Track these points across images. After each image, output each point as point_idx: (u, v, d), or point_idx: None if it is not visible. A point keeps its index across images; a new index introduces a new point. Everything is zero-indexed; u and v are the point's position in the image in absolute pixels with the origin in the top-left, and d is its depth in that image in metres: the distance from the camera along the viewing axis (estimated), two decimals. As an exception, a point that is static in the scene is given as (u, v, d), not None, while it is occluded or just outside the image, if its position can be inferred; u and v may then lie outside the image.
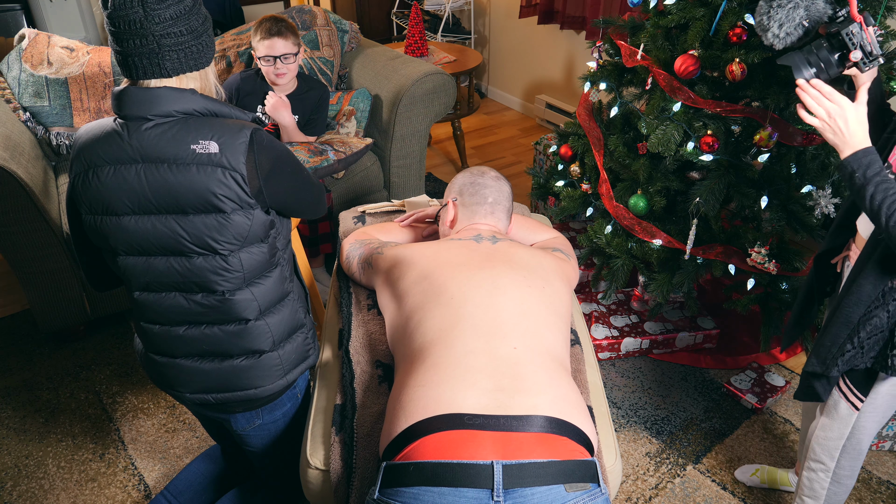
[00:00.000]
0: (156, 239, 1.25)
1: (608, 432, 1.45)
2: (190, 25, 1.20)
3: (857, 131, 1.23)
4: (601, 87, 2.25)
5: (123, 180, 1.22)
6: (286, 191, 1.33)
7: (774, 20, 1.29)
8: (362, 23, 4.89)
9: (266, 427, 1.53)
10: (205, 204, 1.23)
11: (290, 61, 2.37)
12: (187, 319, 1.34)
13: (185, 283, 1.30)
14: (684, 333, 2.41)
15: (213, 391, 1.40)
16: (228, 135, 1.22)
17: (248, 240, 1.29)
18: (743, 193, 2.01)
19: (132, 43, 1.17)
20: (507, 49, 4.49)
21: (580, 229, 2.85)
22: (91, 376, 2.36)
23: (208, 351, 1.37)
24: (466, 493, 1.05)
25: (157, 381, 1.45)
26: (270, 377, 1.41)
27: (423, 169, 2.95)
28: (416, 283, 1.39)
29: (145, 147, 1.21)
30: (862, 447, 1.49)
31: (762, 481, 1.94)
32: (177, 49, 1.19)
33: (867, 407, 1.42)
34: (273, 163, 1.28)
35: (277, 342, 1.41)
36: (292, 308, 1.44)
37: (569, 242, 1.73)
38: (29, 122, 2.50)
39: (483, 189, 1.58)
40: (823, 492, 1.58)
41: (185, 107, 1.23)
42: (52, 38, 2.54)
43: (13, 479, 2.01)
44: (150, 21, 1.15)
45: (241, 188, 1.23)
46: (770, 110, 1.92)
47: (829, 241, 1.51)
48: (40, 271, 2.24)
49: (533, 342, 1.26)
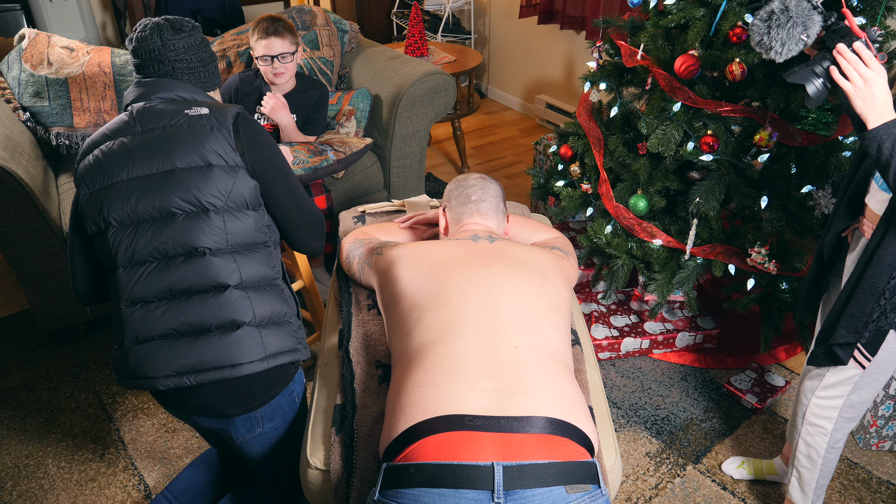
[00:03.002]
0: (146, 198, 1.35)
1: (608, 432, 1.45)
2: (199, 56, 1.48)
3: (888, 101, 1.20)
4: (601, 87, 2.25)
5: (122, 145, 1.38)
6: (268, 168, 1.44)
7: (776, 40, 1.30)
8: (362, 23, 4.89)
9: (266, 435, 1.52)
10: (193, 156, 1.36)
11: (287, 60, 2.37)
12: (168, 287, 1.36)
13: (169, 244, 1.36)
14: (684, 333, 2.41)
15: (189, 371, 1.35)
16: (218, 106, 1.43)
17: (232, 197, 1.38)
18: (743, 193, 2.01)
19: (152, 68, 1.45)
20: (507, 49, 4.49)
21: (580, 229, 2.85)
22: (91, 376, 2.36)
23: (185, 324, 1.35)
24: (467, 494, 1.05)
25: (129, 375, 1.39)
26: (247, 354, 1.36)
27: (423, 169, 2.95)
28: (415, 282, 1.39)
29: (145, 118, 1.40)
30: (857, 411, 1.53)
31: (749, 472, 1.96)
32: (188, 72, 1.47)
33: (872, 365, 1.45)
34: (255, 136, 1.44)
35: (259, 320, 1.38)
36: (279, 296, 1.45)
37: (569, 242, 1.73)
38: (29, 122, 2.50)
39: (466, 189, 1.61)
40: (820, 459, 1.59)
41: (187, 94, 1.45)
42: (52, 38, 2.54)
43: (13, 479, 2.01)
44: (167, 49, 1.43)
45: (228, 144, 1.38)
46: (770, 110, 1.92)
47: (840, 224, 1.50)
48: (40, 271, 2.24)
49: (533, 340, 1.25)
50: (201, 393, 1.39)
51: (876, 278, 1.35)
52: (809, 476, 1.64)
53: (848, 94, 1.22)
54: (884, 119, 1.20)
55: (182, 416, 1.51)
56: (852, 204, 1.47)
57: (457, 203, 1.60)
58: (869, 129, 1.21)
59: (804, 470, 1.64)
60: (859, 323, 1.39)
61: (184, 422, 1.65)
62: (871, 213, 1.42)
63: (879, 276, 1.34)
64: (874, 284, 1.35)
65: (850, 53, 1.20)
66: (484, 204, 1.59)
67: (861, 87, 1.20)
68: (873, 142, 1.21)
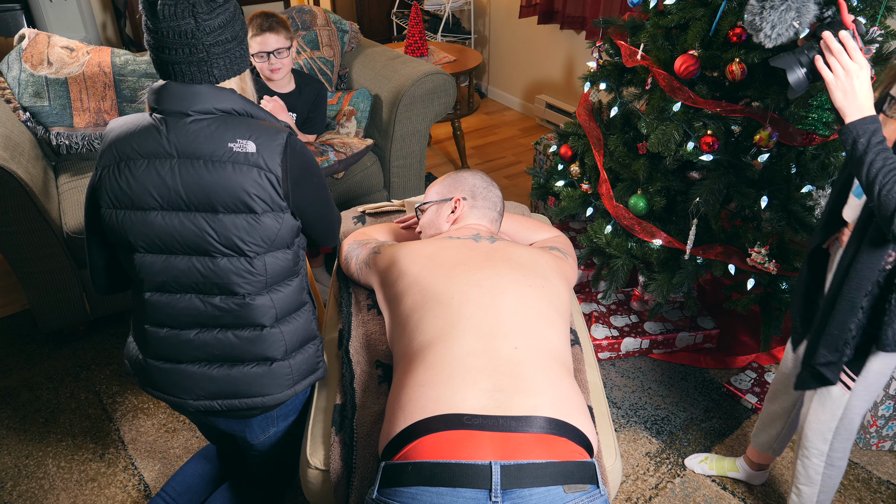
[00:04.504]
0: (182, 237, 1.25)
1: (608, 432, 1.45)
2: (234, 31, 1.23)
3: (867, 97, 1.18)
4: (601, 87, 2.25)
5: (156, 174, 1.22)
6: (310, 201, 1.34)
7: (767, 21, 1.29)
8: (362, 23, 4.89)
9: (279, 434, 1.53)
10: (237, 203, 1.23)
11: (283, 56, 2.37)
12: (199, 322, 1.32)
13: (206, 285, 1.28)
14: (684, 333, 2.41)
15: (221, 397, 1.38)
16: (266, 136, 1.23)
17: (275, 244, 1.29)
18: (743, 193, 2.01)
19: (181, 52, 1.18)
20: (507, 49, 4.49)
21: (580, 229, 2.85)
22: (91, 376, 2.36)
23: (218, 356, 1.35)
24: (464, 493, 1.05)
25: (154, 386, 1.41)
26: (279, 386, 1.39)
27: (423, 169, 2.95)
28: (416, 282, 1.39)
29: (182, 142, 1.21)
30: (853, 427, 1.49)
31: (710, 468, 1.97)
32: (224, 56, 1.22)
33: (858, 386, 1.41)
34: (303, 170, 1.29)
35: (290, 351, 1.40)
36: (307, 318, 1.43)
37: (569, 241, 1.73)
38: (29, 122, 2.50)
39: (494, 198, 1.63)
40: (819, 477, 1.57)
41: (225, 105, 1.24)
42: (52, 38, 2.54)
43: (13, 479, 2.01)
44: (202, 31, 1.17)
45: (275, 189, 1.24)
46: (770, 110, 1.92)
47: (819, 237, 1.49)
48: (40, 271, 2.24)
49: (534, 342, 1.25)
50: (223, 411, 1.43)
51: (853, 293, 1.30)
52: (809, 493, 1.61)
53: (829, 84, 1.19)
54: (862, 114, 1.17)
55: (198, 419, 1.52)
56: (832, 215, 1.44)
57: (484, 204, 1.60)
58: (846, 123, 1.19)
59: (804, 487, 1.61)
60: (840, 341, 1.35)
61: (191, 420, 1.64)
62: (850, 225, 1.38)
63: (857, 290, 1.29)
64: (852, 299, 1.30)
65: (834, 42, 1.18)
66: (501, 219, 1.65)
67: (842, 79, 1.18)
68: (849, 136, 1.18)
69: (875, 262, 1.27)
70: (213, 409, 1.39)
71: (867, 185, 1.17)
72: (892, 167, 1.14)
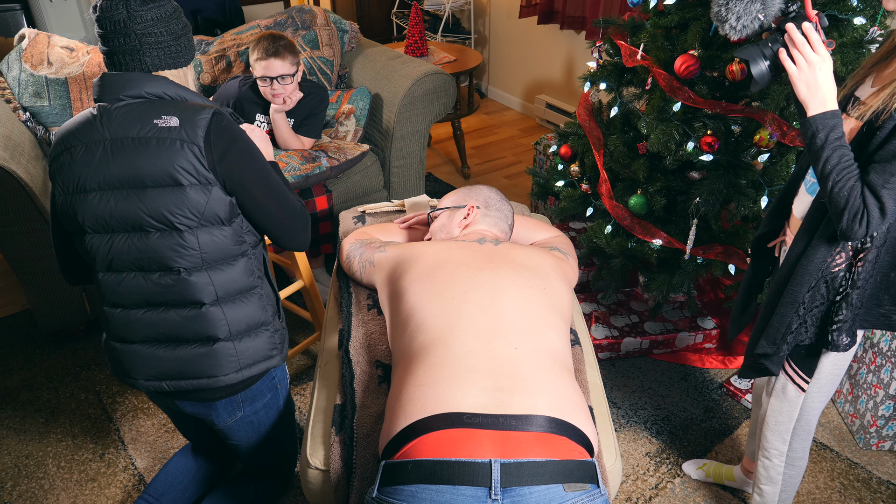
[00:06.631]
0: (120, 214, 1.31)
1: (608, 432, 1.45)
2: (170, 28, 1.32)
3: (830, 90, 1.17)
4: (601, 87, 2.25)
5: (92, 156, 1.30)
6: (242, 177, 1.35)
7: (732, 12, 1.29)
8: (362, 23, 4.89)
9: (248, 419, 1.54)
10: (164, 176, 1.29)
11: (287, 82, 2.34)
12: (146, 299, 1.37)
13: (144, 260, 1.34)
14: (684, 333, 2.41)
15: (167, 378, 1.41)
16: (191, 112, 1.30)
17: (206, 217, 1.32)
18: (743, 193, 2.01)
19: (117, 41, 1.29)
20: (507, 49, 4.50)
21: (580, 229, 2.85)
22: (91, 376, 2.36)
23: (164, 335, 1.39)
24: (464, 490, 1.05)
25: (115, 369, 1.47)
26: (223, 368, 1.41)
27: (423, 169, 2.95)
28: (418, 281, 1.39)
29: (113, 125, 1.29)
30: (810, 427, 1.51)
31: (707, 475, 1.96)
32: (156, 47, 1.31)
33: (812, 387, 1.43)
34: (230, 142, 1.33)
35: (234, 333, 1.42)
36: (257, 304, 1.45)
37: (570, 241, 1.74)
38: (29, 122, 2.50)
39: (507, 211, 1.68)
40: (780, 477, 1.59)
41: (156, 90, 1.32)
42: (52, 38, 2.54)
43: (13, 479, 2.01)
44: (133, 21, 1.27)
45: (199, 161, 1.29)
46: (770, 110, 1.92)
47: (765, 225, 1.50)
48: (40, 271, 2.24)
49: (534, 342, 1.26)
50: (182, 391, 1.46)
51: (797, 287, 1.31)
52: (771, 492, 1.62)
53: (792, 77, 1.19)
54: (825, 108, 1.17)
55: (163, 403, 1.55)
56: (781, 203, 1.44)
57: (497, 215, 1.65)
58: (808, 116, 1.18)
59: (766, 487, 1.62)
60: (778, 334, 1.36)
61: (164, 410, 1.66)
62: (794, 219, 1.39)
63: (801, 285, 1.30)
64: (794, 293, 1.32)
65: (797, 34, 1.17)
66: (510, 232, 1.67)
67: (805, 70, 1.17)
68: (808, 130, 1.18)
69: (822, 259, 1.28)
70: (163, 390, 1.43)
71: (821, 180, 1.19)
72: (846, 165, 1.15)
